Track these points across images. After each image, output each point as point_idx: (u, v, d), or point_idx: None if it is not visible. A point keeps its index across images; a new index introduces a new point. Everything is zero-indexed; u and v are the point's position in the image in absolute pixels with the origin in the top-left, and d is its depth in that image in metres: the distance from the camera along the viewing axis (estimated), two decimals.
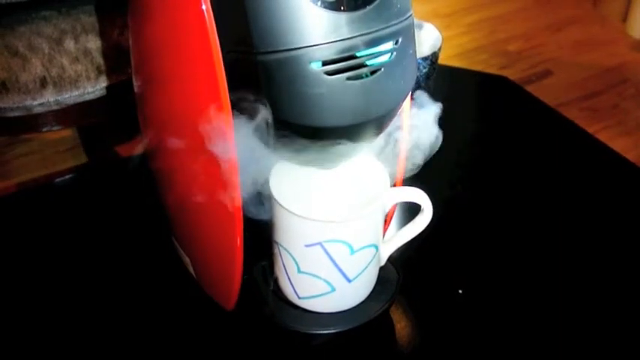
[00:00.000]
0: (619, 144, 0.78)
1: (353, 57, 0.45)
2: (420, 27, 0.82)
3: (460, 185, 0.76)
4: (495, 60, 1.68)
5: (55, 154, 1.43)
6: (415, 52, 0.50)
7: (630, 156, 0.79)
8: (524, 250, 0.68)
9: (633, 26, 1.84)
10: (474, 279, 0.65)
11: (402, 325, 0.62)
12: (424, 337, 0.61)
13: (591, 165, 0.80)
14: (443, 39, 0.80)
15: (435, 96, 0.56)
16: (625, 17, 1.89)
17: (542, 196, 0.75)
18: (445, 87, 0.86)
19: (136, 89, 0.58)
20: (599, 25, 1.88)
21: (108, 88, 0.82)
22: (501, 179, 0.78)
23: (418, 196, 0.56)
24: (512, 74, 1.58)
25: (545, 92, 0.90)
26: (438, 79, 0.82)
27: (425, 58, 0.77)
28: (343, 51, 0.45)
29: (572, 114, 0.83)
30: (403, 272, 0.62)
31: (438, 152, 0.56)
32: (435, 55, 0.78)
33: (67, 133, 1.45)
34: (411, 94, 0.56)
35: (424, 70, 0.77)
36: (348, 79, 0.45)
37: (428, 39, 0.81)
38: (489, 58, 1.69)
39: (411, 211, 0.59)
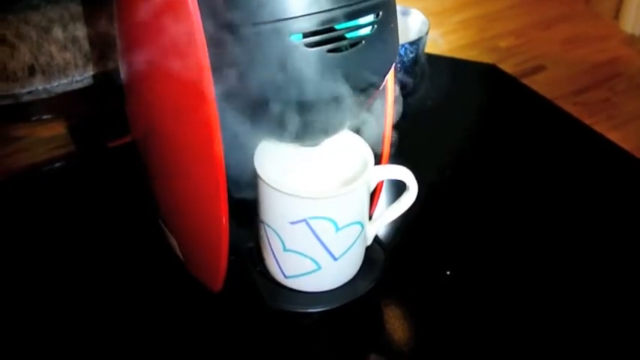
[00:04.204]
0: (610, 137, 0.79)
1: (332, 29, 0.45)
2: (408, 13, 0.82)
3: (449, 169, 0.76)
4: (486, 56, 1.68)
5: (46, 152, 1.43)
6: (397, 27, 0.50)
7: None
8: (512, 233, 0.68)
9: (626, 21, 1.85)
10: (461, 260, 0.65)
11: (388, 304, 0.62)
12: (411, 317, 0.61)
13: (576, 147, 0.80)
14: (430, 24, 0.81)
15: (422, 82, 0.57)
16: (617, 14, 1.90)
17: (531, 179, 0.75)
18: (434, 75, 0.86)
19: (123, 76, 0.59)
20: (591, 22, 1.89)
21: (96, 76, 0.82)
22: (490, 164, 0.78)
23: (402, 173, 0.56)
24: (504, 70, 1.58)
25: (537, 87, 0.90)
26: (426, 67, 0.83)
27: (412, 43, 0.77)
28: (323, 23, 0.45)
29: (565, 108, 0.84)
30: (390, 253, 0.62)
31: (426, 139, 0.56)
32: (422, 40, 0.78)
33: (59, 131, 1.45)
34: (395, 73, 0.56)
35: (411, 55, 0.77)
36: (329, 51, 0.45)
37: (415, 24, 0.82)
38: (480, 55, 1.68)
39: (399, 194, 0.59)
